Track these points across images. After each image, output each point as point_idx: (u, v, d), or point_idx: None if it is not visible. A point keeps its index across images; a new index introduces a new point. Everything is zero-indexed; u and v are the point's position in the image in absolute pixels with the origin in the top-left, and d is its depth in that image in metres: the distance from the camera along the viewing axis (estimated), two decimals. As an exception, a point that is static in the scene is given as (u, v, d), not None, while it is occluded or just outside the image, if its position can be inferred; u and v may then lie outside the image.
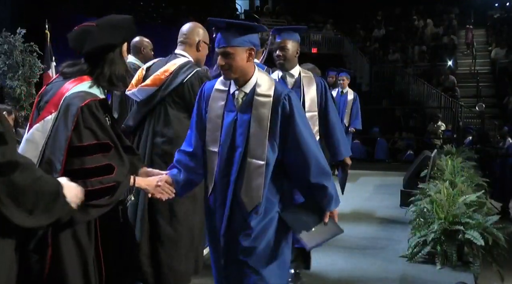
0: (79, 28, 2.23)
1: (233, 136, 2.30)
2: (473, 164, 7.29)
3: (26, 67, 8.20)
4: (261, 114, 2.25)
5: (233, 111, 2.32)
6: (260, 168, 2.24)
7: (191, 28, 3.19)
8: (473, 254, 4.04)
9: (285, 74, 3.57)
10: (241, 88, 2.31)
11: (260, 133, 2.25)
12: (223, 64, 2.24)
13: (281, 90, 2.30)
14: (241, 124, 2.29)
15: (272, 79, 2.37)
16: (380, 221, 5.83)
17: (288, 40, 3.50)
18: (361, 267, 4.18)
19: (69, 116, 2.08)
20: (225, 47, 2.25)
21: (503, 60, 16.36)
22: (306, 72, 3.64)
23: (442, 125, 12.94)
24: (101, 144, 2.12)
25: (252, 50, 2.28)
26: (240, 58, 2.25)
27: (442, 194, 4.53)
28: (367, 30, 19.84)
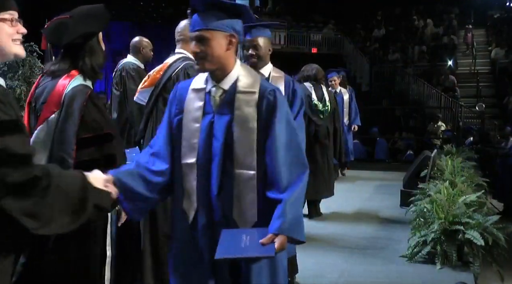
0: (53, 22, 2.26)
1: (210, 143, 1.93)
2: (473, 164, 7.29)
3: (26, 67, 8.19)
4: (246, 114, 1.90)
5: (210, 112, 1.95)
6: (252, 180, 1.89)
7: (185, 25, 3.14)
8: (473, 254, 4.04)
9: None
10: (219, 84, 1.96)
11: (247, 138, 1.89)
12: (197, 50, 1.90)
13: (266, 86, 1.99)
14: (218, 127, 1.93)
15: (257, 74, 2.05)
16: (380, 221, 5.82)
17: (260, 37, 3.28)
18: (361, 267, 4.18)
19: (75, 110, 2.13)
20: (201, 30, 1.90)
21: (503, 60, 16.36)
22: (278, 71, 3.45)
23: (442, 125, 12.94)
24: (104, 134, 2.17)
25: (233, 37, 1.93)
26: (218, 45, 1.89)
27: (442, 194, 4.53)
28: (367, 30, 19.85)
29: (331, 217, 5.86)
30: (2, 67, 8.08)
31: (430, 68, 17.08)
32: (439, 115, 13.40)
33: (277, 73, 3.42)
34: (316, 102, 5.66)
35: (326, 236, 5.08)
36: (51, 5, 11.14)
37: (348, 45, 18.17)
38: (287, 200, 1.83)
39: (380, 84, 16.68)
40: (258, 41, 3.26)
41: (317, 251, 4.53)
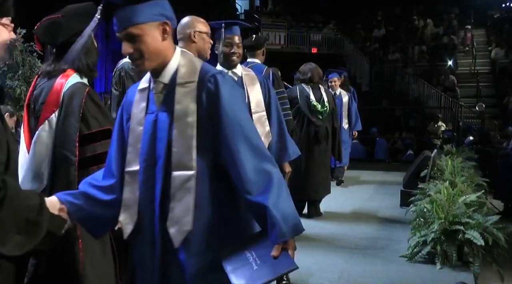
0: (45, 22, 2.26)
1: (153, 144, 1.70)
2: (473, 164, 7.29)
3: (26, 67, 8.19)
4: (185, 108, 1.66)
5: (154, 111, 1.73)
6: (188, 181, 1.63)
7: (183, 23, 3.06)
8: (473, 254, 4.04)
9: (227, 72, 3.25)
10: (158, 79, 1.72)
11: (185, 134, 1.65)
12: (130, 51, 1.65)
13: (207, 71, 1.70)
14: (161, 126, 1.70)
15: (199, 61, 1.78)
16: (380, 221, 5.83)
17: (240, 36, 3.27)
18: (361, 267, 4.18)
19: (75, 107, 2.14)
20: (127, 28, 1.64)
21: (503, 60, 16.36)
22: (247, 70, 3.43)
23: (442, 125, 12.94)
24: (106, 130, 2.18)
25: (166, 24, 1.68)
26: (152, 39, 1.65)
27: (442, 194, 4.53)
28: (367, 30, 19.84)
29: (331, 217, 5.86)
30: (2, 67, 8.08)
31: (430, 68, 17.08)
32: (439, 115, 13.40)
33: (248, 72, 3.40)
34: (314, 103, 5.67)
35: (326, 236, 5.08)
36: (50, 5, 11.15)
37: (348, 45, 18.16)
38: (269, 203, 1.58)
39: (380, 84, 16.68)
40: (240, 40, 3.25)
41: (317, 251, 4.53)
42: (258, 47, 4.59)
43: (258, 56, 4.59)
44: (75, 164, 2.09)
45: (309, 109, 5.66)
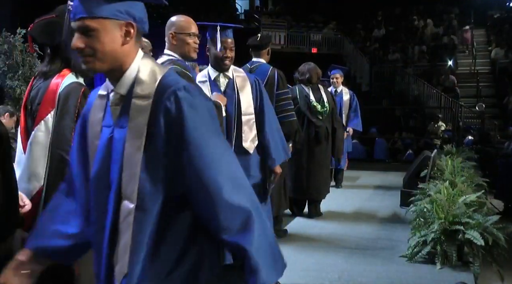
0: (40, 23, 2.25)
1: (108, 165, 1.45)
2: (473, 164, 7.29)
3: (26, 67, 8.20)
4: (137, 127, 1.40)
5: (110, 125, 1.48)
6: (129, 215, 1.38)
7: (166, 26, 2.96)
8: (473, 254, 4.03)
9: (219, 74, 3.33)
10: (115, 89, 1.47)
11: (132, 159, 1.39)
12: (81, 46, 1.40)
13: (167, 86, 1.41)
14: (116, 146, 1.45)
15: (161, 71, 1.46)
16: (380, 221, 5.82)
17: (233, 40, 3.28)
18: (361, 267, 4.18)
19: (70, 108, 2.14)
20: (84, 19, 1.39)
21: (503, 60, 16.37)
22: (239, 71, 3.42)
23: (442, 125, 12.95)
24: None
25: (131, 26, 1.42)
26: (111, 38, 1.40)
27: (442, 194, 4.53)
28: (367, 30, 19.85)
29: (331, 217, 5.86)
30: (2, 67, 8.09)
31: (430, 68, 17.09)
32: (439, 115, 13.41)
33: (240, 73, 3.39)
34: (314, 103, 5.67)
35: (326, 236, 5.08)
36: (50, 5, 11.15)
37: (348, 45, 18.17)
38: (250, 247, 1.37)
39: (380, 84, 16.68)
40: (232, 42, 3.26)
41: (317, 251, 4.53)
42: (263, 46, 4.58)
43: (263, 55, 4.57)
44: None
45: (309, 110, 5.66)
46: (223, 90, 3.28)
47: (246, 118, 3.26)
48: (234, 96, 3.27)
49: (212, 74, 3.32)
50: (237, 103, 3.26)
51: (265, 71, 4.42)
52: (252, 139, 3.28)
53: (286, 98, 4.49)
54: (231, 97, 3.26)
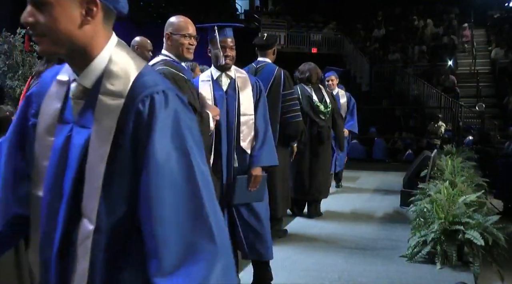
0: None
1: (62, 171, 1.19)
2: (473, 164, 7.29)
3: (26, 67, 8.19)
4: (103, 131, 1.14)
5: (69, 122, 1.22)
6: (87, 239, 1.13)
7: (172, 22, 2.93)
8: (473, 254, 4.04)
9: (221, 74, 3.32)
10: (78, 79, 1.20)
11: (94, 171, 1.14)
12: (30, 20, 1.14)
13: (144, 86, 1.16)
14: (73, 149, 1.19)
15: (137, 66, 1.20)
16: (380, 221, 5.83)
17: (233, 39, 3.27)
18: (361, 267, 4.18)
19: None
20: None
21: (503, 60, 16.37)
22: (241, 72, 3.41)
23: (442, 125, 12.96)
24: None
25: (94, 4, 1.15)
26: (66, 16, 1.13)
27: (442, 194, 4.53)
28: (367, 30, 19.85)
29: (331, 217, 5.86)
30: (2, 67, 8.10)
31: (430, 68, 17.09)
32: (439, 115, 13.42)
33: (241, 74, 3.38)
34: (318, 103, 5.66)
35: (326, 236, 5.08)
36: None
37: (348, 45, 18.17)
38: None
39: (380, 84, 16.68)
40: (233, 42, 3.26)
41: (317, 251, 4.53)
42: (269, 46, 4.56)
43: (269, 55, 4.55)
44: None
45: (312, 110, 5.65)
46: (224, 90, 3.29)
47: (245, 118, 3.26)
48: (235, 96, 3.28)
49: (215, 74, 3.32)
50: (238, 103, 3.28)
51: (271, 71, 4.42)
52: (251, 139, 3.29)
53: (293, 98, 4.49)
54: (232, 97, 3.28)
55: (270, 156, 3.32)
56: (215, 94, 3.26)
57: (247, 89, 3.31)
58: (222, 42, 3.19)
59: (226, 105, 3.26)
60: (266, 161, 3.30)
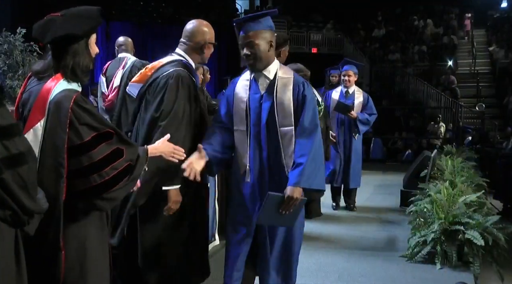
0: (45, 18, 2.17)
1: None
2: (473, 164, 7.29)
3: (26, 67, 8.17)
4: None
5: None
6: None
7: (196, 29, 2.88)
8: (473, 254, 4.04)
9: (258, 74, 2.81)
10: None
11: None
12: None
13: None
14: None
15: None
16: (380, 221, 5.83)
17: (256, 32, 2.71)
18: (361, 267, 4.18)
19: (61, 118, 2.03)
20: None
21: (503, 60, 16.39)
22: (286, 72, 2.85)
23: (442, 125, 12.96)
24: (101, 134, 2.09)
25: None
26: None
27: (442, 194, 4.53)
28: (367, 30, 19.86)
29: (331, 217, 5.86)
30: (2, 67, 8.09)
31: (430, 68, 17.09)
32: (439, 115, 13.42)
33: (286, 75, 2.82)
34: None
35: (326, 236, 5.08)
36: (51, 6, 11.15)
37: (348, 45, 18.17)
38: None
39: (380, 84, 16.68)
40: (254, 37, 2.70)
41: (317, 251, 4.53)
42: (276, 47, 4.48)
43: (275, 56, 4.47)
44: (63, 176, 2.00)
45: None
46: (261, 94, 2.79)
47: (283, 130, 2.71)
48: (271, 101, 2.74)
49: (253, 73, 2.84)
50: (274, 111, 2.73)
51: None
52: (291, 154, 2.70)
53: None
54: (268, 102, 2.75)
55: (315, 177, 2.67)
56: (250, 96, 2.80)
57: (286, 94, 2.74)
58: (240, 39, 2.78)
59: (260, 111, 2.76)
60: (308, 182, 2.63)
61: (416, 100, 15.74)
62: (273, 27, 2.81)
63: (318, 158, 2.71)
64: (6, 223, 1.71)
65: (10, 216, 1.70)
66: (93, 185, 2.04)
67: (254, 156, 2.77)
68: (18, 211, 1.71)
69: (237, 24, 2.79)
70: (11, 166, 1.66)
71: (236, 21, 2.82)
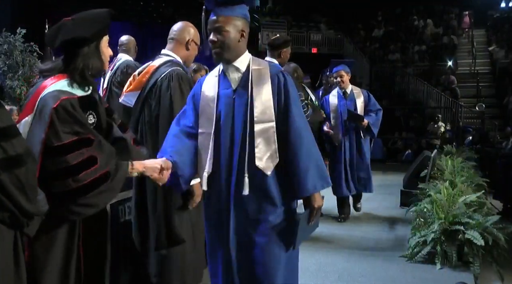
0: (57, 23, 2.19)
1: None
2: (473, 164, 7.30)
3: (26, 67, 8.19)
4: None
5: None
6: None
7: (182, 27, 3.03)
8: (473, 254, 4.04)
9: (227, 67, 2.41)
10: None
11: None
12: None
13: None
14: None
15: None
16: (380, 221, 5.83)
17: (227, 18, 2.33)
18: (361, 267, 4.18)
19: (43, 117, 2.04)
20: None
21: (503, 60, 16.38)
22: (260, 63, 2.46)
23: (442, 125, 12.96)
24: (82, 140, 2.07)
25: None
26: None
27: (442, 194, 4.54)
28: (367, 30, 19.87)
29: (331, 217, 5.86)
30: (2, 67, 8.09)
31: (430, 68, 17.10)
32: (439, 115, 13.42)
33: (259, 66, 2.43)
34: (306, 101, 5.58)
35: (326, 236, 5.08)
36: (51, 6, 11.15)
37: (348, 45, 18.18)
38: None
39: (380, 84, 16.68)
40: (223, 22, 2.33)
41: (317, 251, 4.53)
42: (275, 47, 4.47)
43: (276, 56, 4.44)
44: None
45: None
46: (234, 88, 2.39)
47: (260, 127, 2.33)
48: (246, 96, 2.37)
49: (221, 68, 2.47)
50: (250, 107, 2.35)
51: None
52: (271, 155, 2.33)
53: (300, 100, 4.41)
54: (243, 97, 2.38)
55: (323, 173, 2.43)
56: (220, 92, 2.42)
57: (264, 86, 2.37)
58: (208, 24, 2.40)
59: (233, 108, 2.38)
60: (323, 181, 2.40)
61: (416, 100, 15.74)
62: (248, 17, 2.43)
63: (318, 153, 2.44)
64: (5, 224, 1.71)
65: (8, 217, 1.70)
66: (69, 189, 2.02)
67: (221, 161, 2.37)
68: (16, 213, 1.71)
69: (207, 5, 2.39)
70: (8, 168, 1.67)
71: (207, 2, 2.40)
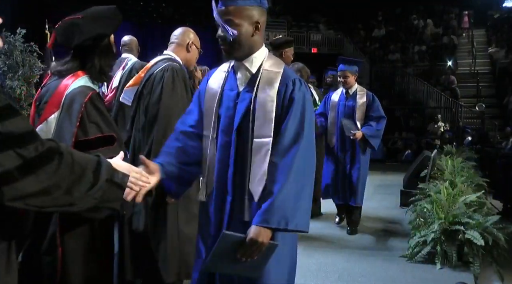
0: (65, 22, 2.22)
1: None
2: (473, 164, 7.30)
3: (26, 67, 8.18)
4: None
5: None
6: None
7: (183, 31, 3.15)
8: (473, 254, 4.04)
9: (238, 65, 2.03)
10: None
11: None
12: None
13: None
14: None
15: None
16: (380, 221, 5.83)
17: (238, 8, 1.92)
18: (361, 267, 4.18)
19: (73, 112, 2.10)
20: None
21: (503, 60, 16.38)
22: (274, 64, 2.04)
23: (442, 125, 12.97)
24: (105, 137, 2.14)
25: None
26: None
27: (442, 194, 4.54)
28: (367, 30, 19.87)
29: (331, 217, 5.86)
30: (2, 67, 8.09)
31: (430, 68, 17.10)
32: (439, 115, 13.43)
33: (274, 67, 2.02)
34: None
35: (326, 236, 5.08)
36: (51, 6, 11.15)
37: (348, 45, 18.18)
38: None
39: (380, 84, 16.69)
40: (232, 14, 1.92)
41: (317, 251, 4.53)
42: (275, 47, 4.49)
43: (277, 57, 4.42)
44: None
45: None
46: (238, 91, 2.01)
47: (258, 143, 1.92)
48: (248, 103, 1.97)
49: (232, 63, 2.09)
50: (252, 112, 1.95)
51: None
52: (260, 179, 1.91)
53: None
54: (245, 103, 1.99)
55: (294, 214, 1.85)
56: (224, 93, 2.04)
57: (269, 93, 1.96)
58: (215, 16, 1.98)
59: (234, 113, 2.00)
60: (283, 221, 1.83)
61: (416, 100, 15.74)
62: (265, 4, 2.00)
63: (302, 184, 1.88)
64: None
65: None
66: None
67: (219, 172, 1.99)
68: None
69: None
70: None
71: None
